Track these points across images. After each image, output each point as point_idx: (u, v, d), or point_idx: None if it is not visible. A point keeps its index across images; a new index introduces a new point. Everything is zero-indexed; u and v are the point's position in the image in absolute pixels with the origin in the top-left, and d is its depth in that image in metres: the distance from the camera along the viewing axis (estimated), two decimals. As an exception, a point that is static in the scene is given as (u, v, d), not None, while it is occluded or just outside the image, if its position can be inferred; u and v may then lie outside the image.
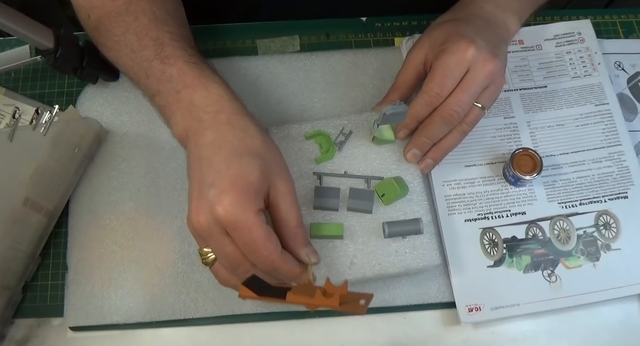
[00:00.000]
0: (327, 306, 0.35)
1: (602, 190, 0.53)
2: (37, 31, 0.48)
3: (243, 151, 0.39)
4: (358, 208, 0.47)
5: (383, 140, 0.49)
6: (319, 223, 0.47)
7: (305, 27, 0.60)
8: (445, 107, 0.45)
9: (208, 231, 0.38)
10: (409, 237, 0.47)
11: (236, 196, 0.37)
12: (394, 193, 0.47)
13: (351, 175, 0.49)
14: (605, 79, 0.57)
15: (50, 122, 0.48)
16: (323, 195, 0.47)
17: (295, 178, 0.45)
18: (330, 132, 0.50)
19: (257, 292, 0.35)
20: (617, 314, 0.51)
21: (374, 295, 0.37)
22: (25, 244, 0.48)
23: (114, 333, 0.49)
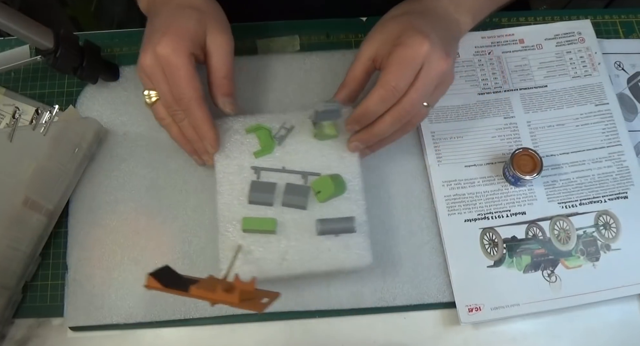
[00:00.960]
0: (227, 302, 0.35)
1: (602, 190, 0.53)
2: (37, 31, 0.48)
3: (185, 5, 0.46)
4: (293, 203, 0.47)
5: (325, 135, 0.49)
6: (252, 217, 0.46)
7: (305, 27, 0.60)
8: (399, 108, 0.44)
9: (150, 69, 0.44)
10: (342, 236, 0.46)
11: (172, 38, 0.43)
12: (329, 190, 0.46)
13: (289, 170, 0.48)
14: (605, 79, 0.57)
15: (50, 122, 0.48)
16: (258, 189, 0.47)
17: (233, 172, 0.47)
18: (272, 126, 0.49)
19: (163, 283, 0.35)
20: (617, 314, 0.51)
21: (280, 294, 0.38)
22: (25, 244, 0.49)
23: (114, 333, 0.49)
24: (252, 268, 0.45)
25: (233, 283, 0.37)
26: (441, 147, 0.54)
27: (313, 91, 0.57)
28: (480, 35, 0.59)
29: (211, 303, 0.35)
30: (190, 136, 0.48)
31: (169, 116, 0.47)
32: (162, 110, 0.47)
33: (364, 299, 0.50)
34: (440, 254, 0.51)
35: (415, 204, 0.53)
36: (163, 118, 0.48)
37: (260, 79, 0.57)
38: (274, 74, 0.57)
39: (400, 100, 0.44)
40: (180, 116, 0.46)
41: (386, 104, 0.44)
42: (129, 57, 0.58)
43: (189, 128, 0.47)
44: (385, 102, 0.44)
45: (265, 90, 0.57)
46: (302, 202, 0.47)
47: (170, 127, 0.48)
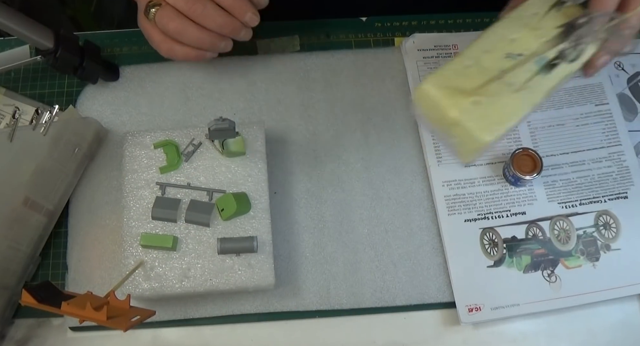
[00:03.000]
0: (95, 319, 0.35)
1: (602, 190, 0.53)
2: (37, 31, 0.48)
3: None
4: (195, 220, 0.46)
5: (232, 153, 0.48)
6: (150, 233, 0.46)
7: (305, 27, 0.60)
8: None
9: None
10: (245, 255, 0.46)
11: None
12: (232, 208, 0.45)
13: (194, 187, 0.47)
14: (605, 80, 0.57)
15: (50, 122, 0.48)
16: (162, 206, 0.46)
17: (139, 187, 0.47)
18: (180, 142, 0.49)
19: (37, 299, 0.36)
20: (617, 314, 0.51)
21: (154, 312, 0.38)
22: (25, 244, 0.49)
23: (114, 333, 0.49)
24: (153, 284, 0.45)
25: (107, 299, 0.37)
26: (441, 147, 0.54)
27: (313, 91, 0.57)
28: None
29: (80, 321, 0.35)
30: (220, 22, 0.45)
31: (180, 16, 0.44)
32: (171, 12, 0.44)
33: (364, 299, 0.50)
34: (440, 254, 0.51)
35: (415, 204, 0.53)
36: (173, 19, 0.44)
37: (260, 79, 0.57)
38: (274, 74, 0.57)
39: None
40: (199, 5, 0.43)
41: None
42: (129, 57, 0.59)
43: (214, 13, 0.44)
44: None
45: (266, 90, 0.57)
46: (205, 219, 0.46)
47: (187, 30, 0.44)
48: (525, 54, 0.40)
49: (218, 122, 0.43)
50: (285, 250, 0.51)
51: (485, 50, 0.40)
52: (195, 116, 0.56)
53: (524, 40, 0.41)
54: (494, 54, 0.40)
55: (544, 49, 0.40)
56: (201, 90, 0.57)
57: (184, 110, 0.56)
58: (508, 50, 0.40)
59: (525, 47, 0.40)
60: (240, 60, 0.58)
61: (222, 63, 0.57)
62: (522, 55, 0.40)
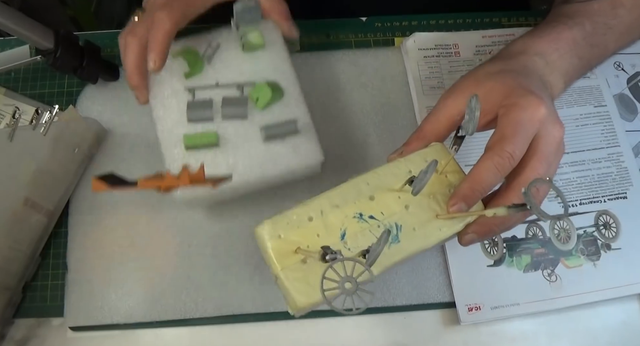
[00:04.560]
0: (176, 184, 0.35)
1: (601, 190, 0.53)
2: (37, 31, 0.48)
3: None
4: (232, 114, 0.46)
5: (252, 46, 0.47)
6: (192, 133, 0.45)
7: (305, 27, 0.60)
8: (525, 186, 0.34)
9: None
10: (289, 139, 0.45)
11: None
12: (266, 95, 0.45)
13: (223, 85, 0.47)
14: (603, 82, 0.57)
15: (50, 122, 0.48)
16: (196, 107, 0.46)
17: (167, 96, 0.47)
18: (198, 47, 0.48)
19: (109, 184, 0.35)
20: (617, 314, 0.51)
21: (231, 176, 0.39)
22: (25, 245, 0.48)
23: (114, 333, 0.49)
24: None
25: (182, 171, 0.36)
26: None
27: (313, 91, 0.57)
28: (481, 35, 0.59)
29: (160, 190, 0.35)
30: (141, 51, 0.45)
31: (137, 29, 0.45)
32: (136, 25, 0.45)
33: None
34: (440, 254, 0.51)
35: (415, 204, 0.53)
36: (131, 31, 0.45)
37: (260, 79, 0.57)
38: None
39: (526, 177, 0.37)
40: (144, 27, 0.44)
41: (499, 175, 0.37)
42: (129, 57, 0.58)
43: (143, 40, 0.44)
44: (499, 172, 0.37)
45: (265, 90, 0.57)
46: (242, 112, 0.46)
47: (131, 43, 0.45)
48: (378, 218, 0.37)
49: (244, 1, 0.43)
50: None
51: (334, 205, 0.37)
52: (195, 116, 0.56)
53: (385, 201, 0.38)
54: (344, 210, 0.37)
55: (404, 216, 0.37)
56: (201, 90, 0.57)
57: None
58: (361, 211, 0.37)
59: (384, 209, 0.37)
60: (240, 60, 0.58)
61: (222, 63, 0.57)
62: (375, 219, 0.37)
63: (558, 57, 0.44)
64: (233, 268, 0.51)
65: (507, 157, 0.36)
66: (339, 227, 0.37)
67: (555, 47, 0.44)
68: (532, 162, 0.37)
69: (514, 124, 0.37)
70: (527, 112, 0.37)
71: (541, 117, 0.37)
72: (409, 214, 0.38)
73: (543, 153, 0.38)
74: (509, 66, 0.42)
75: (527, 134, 0.37)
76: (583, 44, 0.45)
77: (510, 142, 0.37)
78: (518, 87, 0.39)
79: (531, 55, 0.43)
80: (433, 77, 0.56)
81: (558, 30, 0.45)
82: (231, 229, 0.52)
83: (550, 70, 0.44)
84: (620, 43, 0.48)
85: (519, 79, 0.40)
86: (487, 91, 0.40)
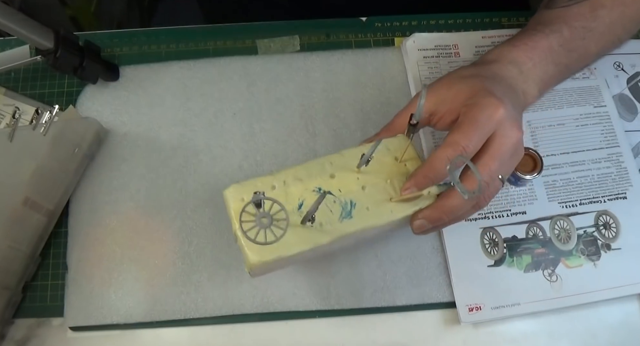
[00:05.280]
0: None
1: (601, 190, 0.53)
2: (37, 31, 0.48)
3: None
4: None
5: None
6: None
7: (305, 27, 0.60)
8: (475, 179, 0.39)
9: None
10: None
11: None
12: None
13: None
14: (602, 83, 0.57)
15: (50, 122, 0.48)
16: None
17: None
18: None
19: None
20: (617, 314, 0.51)
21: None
22: (25, 244, 0.48)
23: (114, 333, 0.49)
24: None
25: None
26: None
27: (313, 91, 0.57)
28: (480, 35, 0.59)
29: None
30: None
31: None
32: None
33: (364, 299, 0.50)
34: (440, 254, 0.51)
35: (415, 204, 0.53)
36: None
37: (261, 79, 0.57)
38: (274, 74, 0.57)
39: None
40: None
41: None
42: (129, 57, 0.59)
43: None
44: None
45: (266, 90, 0.57)
46: None
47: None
48: (335, 194, 0.40)
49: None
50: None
51: (298, 178, 0.40)
52: (195, 115, 0.56)
53: (345, 179, 0.41)
54: (305, 184, 0.40)
55: (359, 195, 0.40)
56: (201, 90, 0.57)
57: (184, 110, 0.56)
58: (320, 185, 0.40)
59: (342, 187, 0.40)
60: (240, 60, 0.58)
61: (222, 63, 0.57)
62: (332, 195, 0.40)
63: (532, 66, 0.46)
64: (233, 268, 0.51)
65: (460, 150, 0.38)
66: (297, 197, 0.40)
67: (530, 55, 0.46)
68: (484, 158, 0.39)
69: (471, 121, 0.39)
70: (486, 111, 0.39)
71: (499, 117, 0.39)
72: (364, 195, 0.40)
73: (496, 151, 0.39)
74: (481, 72, 0.44)
75: (482, 132, 0.39)
76: (560, 50, 0.47)
77: (464, 138, 0.39)
78: (482, 90, 0.41)
79: (505, 64, 0.45)
80: (433, 78, 0.56)
81: (535, 38, 0.46)
82: (231, 229, 0.52)
83: (525, 78, 0.45)
84: (603, 43, 0.49)
85: (486, 83, 0.42)
86: (455, 92, 0.42)
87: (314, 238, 0.38)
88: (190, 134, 0.55)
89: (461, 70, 0.46)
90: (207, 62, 0.58)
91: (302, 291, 0.50)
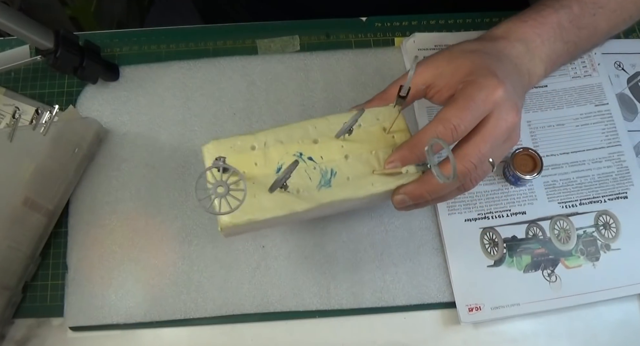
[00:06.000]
0: None
1: (601, 190, 0.53)
2: (37, 31, 0.48)
3: None
4: None
5: None
6: None
7: (305, 27, 0.60)
8: (462, 159, 0.37)
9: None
10: None
11: None
12: None
13: None
14: (605, 80, 0.57)
15: (50, 122, 0.48)
16: None
17: None
18: None
19: None
20: (617, 314, 0.51)
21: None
22: (25, 244, 0.48)
23: (114, 333, 0.49)
24: None
25: None
26: (441, 147, 0.54)
27: (313, 91, 0.57)
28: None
29: None
30: None
31: None
32: None
33: (364, 299, 0.50)
34: (440, 254, 0.51)
35: (415, 204, 0.53)
36: None
37: (260, 79, 0.57)
38: (274, 74, 0.57)
39: (465, 149, 0.38)
40: None
41: None
42: (129, 57, 0.59)
43: None
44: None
45: (266, 90, 0.57)
46: None
47: None
48: (316, 161, 0.39)
49: None
50: (285, 250, 0.51)
51: (279, 140, 0.39)
52: (195, 116, 0.56)
53: (328, 147, 0.39)
54: (286, 147, 0.39)
55: (341, 164, 0.39)
56: (201, 90, 0.57)
57: (184, 110, 0.56)
58: (302, 150, 0.39)
59: (324, 154, 0.39)
60: (240, 60, 0.58)
61: (222, 63, 0.57)
62: (313, 161, 0.38)
63: (540, 43, 0.43)
64: (233, 268, 0.51)
65: (451, 128, 0.37)
66: (277, 161, 0.38)
67: (538, 32, 0.43)
68: (476, 139, 0.38)
69: (467, 100, 0.37)
70: (483, 91, 0.37)
71: (496, 99, 0.37)
72: (346, 164, 0.39)
73: (489, 133, 0.38)
74: (485, 48, 0.42)
75: (477, 112, 0.37)
76: (569, 27, 0.44)
77: (457, 116, 0.37)
78: (483, 68, 0.39)
79: (512, 41, 0.43)
80: (433, 77, 0.56)
81: (544, 14, 0.44)
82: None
83: (531, 57, 0.43)
84: (614, 21, 0.47)
85: (489, 60, 0.40)
86: (456, 67, 0.40)
87: (289, 205, 0.37)
88: (190, 134, 0.55)
89: (465, 44, 0.44)
90: (207, 62, 0.58)
91: (302, 291, 0.50)
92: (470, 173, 0.38)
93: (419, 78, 0.41)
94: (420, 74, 0.41)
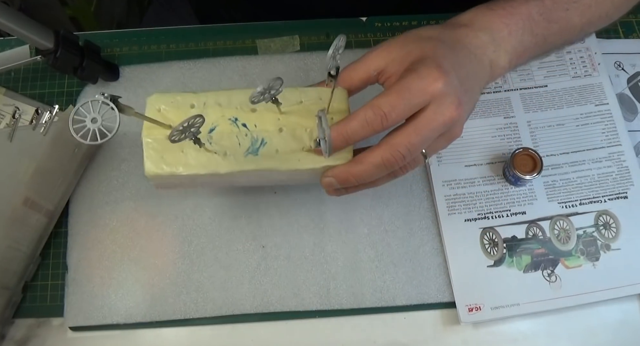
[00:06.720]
0: None
1: (601, 190, 0.53)
2: (37, 31, 0.48)
3: None
4: None
5: None
6: None
7: (305, 27, 0.60)
8: (392, 150, 0.37)
9: None
10: None
11: None
12: None
13: None
14: (605, 79, 0.57)
15: (50, 122, 0.48)
16: None
17: None
18: None
19: None
20: (616, 314, 0.51)
21: None
22: (25, 244, 0.48)
23: (114, 333, 0.49)
24: None
25: None
26: (441, 147, 0.54)
27: (313, 91, 0.57)
28: (480, 35, 0.59)
29: None
30: None
31: None
32: None
33: (364, 299, 0.50)
34: (440, 254, 0.51)
35: (415, 204, 0.53)
36: None
37: (260, 79, 0.57)
38: (274, 74, 0.57)
39: (396, 138, 0.37)
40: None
41: (368, 130, 0.37)
42: (129, 57, 0.59)
43: None
44: (368, 126, 0.37)
45: (265, 90, 0.57)
46: None
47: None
48: (249, 128, 0.39)
49: None
50: (285, 250, 0.51)
51: (218, 103, 0.40)
52: (195, 116, 0.56)
53: (265, 117, 0.40)
54: (224, 110, 0.40)
55: (273, 136, 0.40)
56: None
57: (184, 110, 0.56)
58: (238, 116, 0.40)
59: (259, 123, 0.40)
60: (240, 60, 0.58)
61: (222, 63, 0.57)
62: (246, 128, 0.39)
63: (507, 34, 0.42)
64: (233, 268, 0.51)
65: (381, 115, 0.36)
66: (212, 122, 0.39)
67: (507, 22, 0.42)
68: (408, 129, 0.37)
69: (402, 88, 0.36)
70: (422, 81, 0.36)
71: (434, 91, 0.36)
72: (279, 137, 0.40)
73: (422, 126, 0.37)
74: (442, 35, 0.41)
75: (411, 102, 0.36)
76: (540, 19, 0.43)
77: (388, 104, 0.36)
78: (429, 58, 0.37)
79: (475, 30, 0.41)
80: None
81: (514, 4, 0.43)
82: (231, 229, 0.52)
83: (496, 47, 0.42)
84: (587, 17, 0.45)
85: (440, 50, 0.39)
86: (406, 53, 0.39)
87: (212, 165, 0.38)
88: (190, 134, 0.55)
89: (423, 29, 0.42)
90: (207, 62, 0.58)
91: (302, 291, 0.50)
92: (398, 161, 0.37)
93: (371, 63, 0.40)
94: (372, 59, 0.40)
